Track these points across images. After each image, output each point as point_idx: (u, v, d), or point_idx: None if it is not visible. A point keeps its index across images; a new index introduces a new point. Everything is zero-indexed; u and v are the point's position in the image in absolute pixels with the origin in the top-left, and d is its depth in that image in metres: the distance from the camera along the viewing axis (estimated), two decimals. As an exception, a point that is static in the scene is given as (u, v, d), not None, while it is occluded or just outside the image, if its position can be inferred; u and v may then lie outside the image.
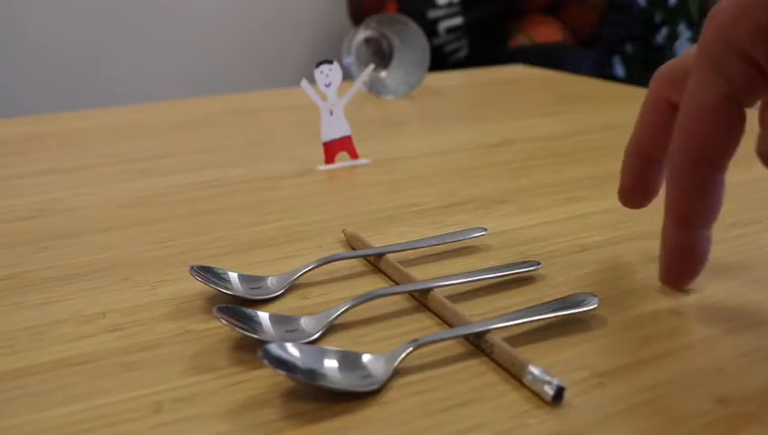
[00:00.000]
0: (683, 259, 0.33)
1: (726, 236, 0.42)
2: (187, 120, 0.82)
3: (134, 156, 0.67)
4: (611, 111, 0.79)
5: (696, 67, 0.31)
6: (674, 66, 0.35)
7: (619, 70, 2.38)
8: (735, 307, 0.34)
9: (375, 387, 0.28)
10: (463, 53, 1.94)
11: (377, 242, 0.44)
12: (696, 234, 0.32)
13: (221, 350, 0.32)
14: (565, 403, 0.27)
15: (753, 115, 0.32)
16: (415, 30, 0.91)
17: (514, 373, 0.29)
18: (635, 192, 0.39)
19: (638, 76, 2.26)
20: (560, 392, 0.27)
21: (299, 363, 0.28)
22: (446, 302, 0.34)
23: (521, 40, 1.95)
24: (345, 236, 0.44)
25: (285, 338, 0.32)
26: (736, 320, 0.33)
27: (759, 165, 0.46)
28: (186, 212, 0.51)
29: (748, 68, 0.29)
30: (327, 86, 0.60)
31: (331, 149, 0.61)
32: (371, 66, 0.68)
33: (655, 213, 0.47)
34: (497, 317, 0.32)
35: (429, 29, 1.87)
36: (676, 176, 0.32)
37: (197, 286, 0.38)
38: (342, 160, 0.61)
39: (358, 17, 2.02)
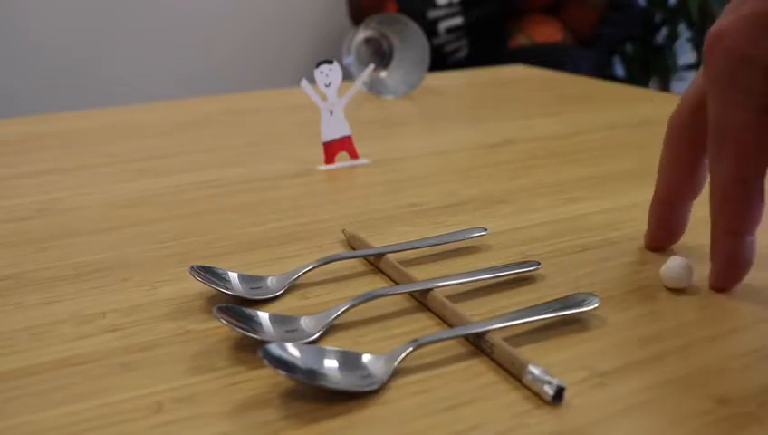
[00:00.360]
0: (733, 264, 0.35)
1: (726, 236, 0.42)
2: (187, 120, 0.82)
3: (134, 156, 0.67)
4: (611, 111, 0.79)
5: (715, 92, 0.33)
6: (685, 110, 0.37)
7: (619, 70, 2.38)
8: (735, 307, 0.34)
9: (375, 387, 0.28)
10: (463, 53, 1.94)
11: (377, 242, 0.44)
12: (744, 239, 0.34)
13: (221, 350, 0.32)
14: (565, 403, 0.27)
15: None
16: (415, 30, 0.91)
17: (514, 373, 0.29)
18: (662, 239, 0.41)
19: (637, 76, 2.26)
20: (560, 392, 0.27)
21: (299, 363, 0.28)
22: (446, 302, 0.34)
23: (521, 40, 1.95)
24: (345, 236, 0.44)
25: (285, 338, 0.32)
26: (736, 320, 0.33)
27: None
28: (186, 212, 0.51)
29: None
30: (327, 86, 0.60)
31: (331, 149, 0.61)
32: (371, 66, 0.68)
33: (655, 213, 0.46)
34: (497, 317, 0.32)
35: (429, 29, 1.87)
36: (721, 192, 0.34)
37: (197, 286, 0.38)
38: (342, 160, 0.61)
39: (358, 17, 2.02)
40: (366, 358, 0.30)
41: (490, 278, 0.37)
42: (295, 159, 0.64)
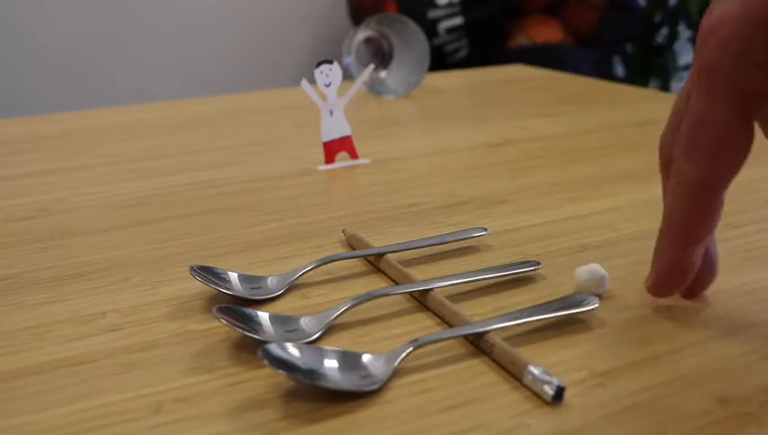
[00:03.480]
0: (676, 273, 0.33)
1: (725, 236, 0.42)
2: (187, 120, 0.82)
3: (134, 156, 0.67)
4: (611, 111, 0.79)
5: (702, 84, 0.30)
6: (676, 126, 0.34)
7: (619, 70, 2.37)
8: (735, 307, 0.34)
9: (375, 387, 0.28)
10: (463, 53, 1.93)
11: (377, 242, 0.44)
12: (694, 250, 0.32)
13: (221, 350, 0.32)
14: (565, 403, 0.27)
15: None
16: (415, 30, 0.91)
17: (514, 373, 0.29)
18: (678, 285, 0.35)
19: (637, 76, 2.26)
20: (560, 392, 0.27)
21: (299, 363, 0.28)
22: (446, 302, 0.34)
23: (521, 40, 1.95)
24: (345, 236, 0.44)
25: (285, 338, 0.32)
26: (736, 320, 0.33)
27: (757, 165, 0.46)
28: (186, 212, 0.51)
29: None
30: (327, 86, 0.60)
31: (331, 149, 0.61)
32: (371, 66, 0.68)
33: (652, 213, 0.47)
34: (497, 317, 0.32)
35: (429, 29, 1.87)
36: (686, 195, 0.32)
37: (197, 286, 0.38)
38: (342, 160, 0.61)
39: (358, 17, 2.02)
40: (366, 358, 0.30)
41: (490, 278, 0.37)
42: (295, 159, 0.64)
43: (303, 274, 0.38)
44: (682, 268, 0.33)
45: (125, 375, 0.30)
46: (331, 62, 0.59)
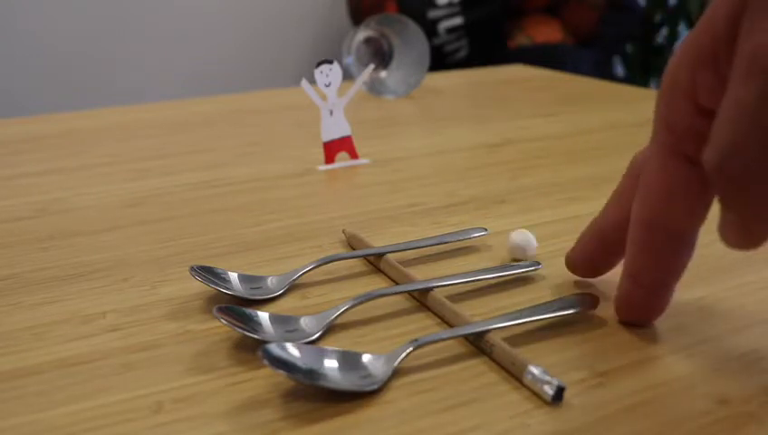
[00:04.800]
0: (626, 305, 0.33)
1: (726, 236, 0.42)
2: (187, 120, 0.82)
3: (134, 156, 0.67)
4: (611, 111, 0.79)
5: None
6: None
7: (619, 70, 2.38)
8: (735, 307, 0.34)
9: (375, 387, 0.28)
10: (463, 53, 1.93)
11: (377, 242, 0.44)
12: (642, 289, 0.31)
13: (221, 350, 0.32)
14: (565, 403, 0.27)
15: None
16: (415, 30, 0.91)
17: (514, 373, 0.29)
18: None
19: (638, 76, 2.26)
20: (560, 392, 0.27)
21: (299, 363, 0.28)
22: (446, 302, 0.34)
23: (521, 40, 1.95)
24: (345, 236, 0.44)
25: (285, 338, 0.32)
26: (736, 320, 0.33)
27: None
28: (186, 212, 0.51)
29: (688, 109, 0.28)
30: (327, 86, 0.60)
31: (331, 149, 0.61)
32: (371, 66, 0.68)
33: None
34: (497, 317, 0.32)
35: (429, 29, 1.87)
36: (629, 233, 0.31)
37: (197, 286, 0.38)
38: (342, 160, 0.61)
39: (358, 17, 2.02)
40: (366, 358, 0.30)
41: (490, 278, 0.37)
42: (295, 159, 0.64)
43: (303, 274, 0.38)
44: (632, 304, 0.32)
45: (125, 375, 0.30)
46: (331, 62, 0.59)
